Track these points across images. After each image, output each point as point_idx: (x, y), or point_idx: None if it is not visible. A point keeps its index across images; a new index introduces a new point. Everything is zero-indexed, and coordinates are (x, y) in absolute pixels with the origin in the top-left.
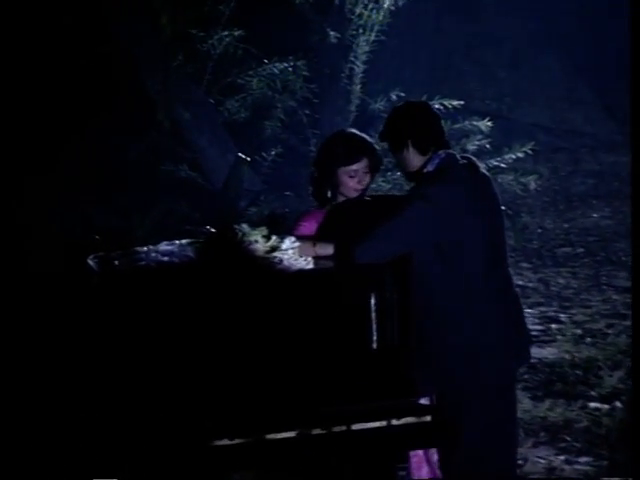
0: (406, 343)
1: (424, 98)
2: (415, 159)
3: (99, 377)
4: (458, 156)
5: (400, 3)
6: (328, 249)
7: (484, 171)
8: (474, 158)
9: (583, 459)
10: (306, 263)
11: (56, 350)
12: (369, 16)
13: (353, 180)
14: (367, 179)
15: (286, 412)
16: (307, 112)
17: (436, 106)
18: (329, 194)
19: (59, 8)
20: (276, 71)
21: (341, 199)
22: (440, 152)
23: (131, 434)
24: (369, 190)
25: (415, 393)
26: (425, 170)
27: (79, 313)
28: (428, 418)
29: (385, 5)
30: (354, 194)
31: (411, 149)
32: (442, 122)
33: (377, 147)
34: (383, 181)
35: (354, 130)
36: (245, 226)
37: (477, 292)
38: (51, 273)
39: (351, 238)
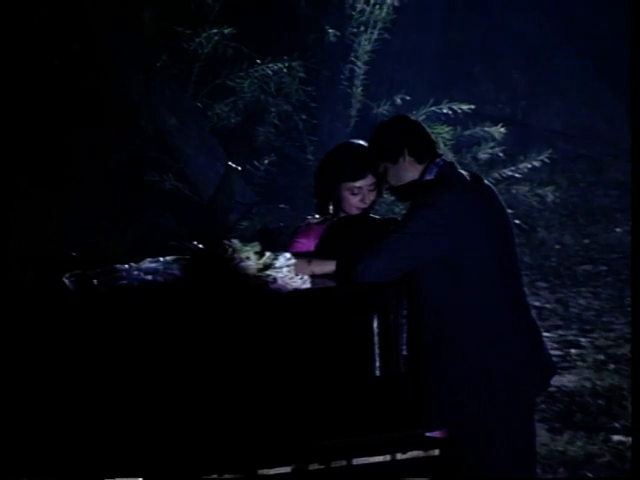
0: (412, 370)
1: (431, 102)
2: (412, 168)
3: (72, 407)
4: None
5: None
6: (327, 267)
7: (489, 184)
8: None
9: None
10: (302, 282)
11: (22, 379)
12: (371, 12)
13: (355, 198)
14: (371, 197)
15: (280, 445)
16: (304, 117)
17: (444, 110)
18: (331, 208)
19: (24, 4)
20: (270, 72)
21: (342, 215)
22: (438, 160)
23: (109, 468)
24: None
25: (422, 424)
26: (425, 179)
27: (51, 338)
28: (436, 452)
29: (389, 0)
30: (355, 212)
31: (407, 157)
32: (450, 129)
33: None
34: (387, 194)
35: (362, 142)
36: (236, 242)
37: (492, 314)
38: (19, 293)
39: (352, 255)
